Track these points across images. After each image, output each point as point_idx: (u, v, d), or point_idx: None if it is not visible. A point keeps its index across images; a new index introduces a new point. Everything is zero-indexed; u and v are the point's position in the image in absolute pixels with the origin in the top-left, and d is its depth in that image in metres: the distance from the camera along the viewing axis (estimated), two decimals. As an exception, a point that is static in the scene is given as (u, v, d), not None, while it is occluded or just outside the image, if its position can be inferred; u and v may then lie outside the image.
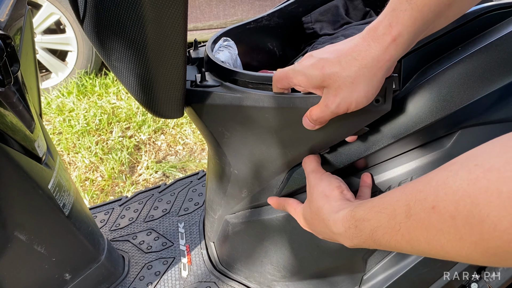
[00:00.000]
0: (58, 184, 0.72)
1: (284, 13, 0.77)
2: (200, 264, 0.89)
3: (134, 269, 0.90)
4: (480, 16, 0.49)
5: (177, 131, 1.90)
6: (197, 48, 0.71)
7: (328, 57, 0.44)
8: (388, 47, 0.40)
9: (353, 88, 0.43)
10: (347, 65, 0.43)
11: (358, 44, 0.42)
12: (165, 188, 1.15)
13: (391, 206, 0.36)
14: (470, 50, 0.49)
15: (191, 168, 1.69)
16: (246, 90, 0.55)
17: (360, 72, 0.42)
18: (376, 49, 0.41)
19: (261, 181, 0.64)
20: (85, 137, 1.83)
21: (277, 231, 0.69)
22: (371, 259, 0.66)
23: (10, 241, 0.65)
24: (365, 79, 0.42)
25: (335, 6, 0.80)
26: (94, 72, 2.32)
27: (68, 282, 0.79)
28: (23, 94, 0.66)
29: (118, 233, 1.00)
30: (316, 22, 0.79)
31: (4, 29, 0.66)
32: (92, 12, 0.54)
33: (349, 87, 0.43)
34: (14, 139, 0.61)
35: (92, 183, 1.60)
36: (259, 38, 0.76)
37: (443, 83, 0.49)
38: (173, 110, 0.61)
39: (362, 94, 0.43)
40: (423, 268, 0.62)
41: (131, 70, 0.56)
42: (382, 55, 0.41)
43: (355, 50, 0.42)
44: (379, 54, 0.41)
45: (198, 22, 2.29)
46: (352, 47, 0.42)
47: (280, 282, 0.76)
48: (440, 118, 0.49)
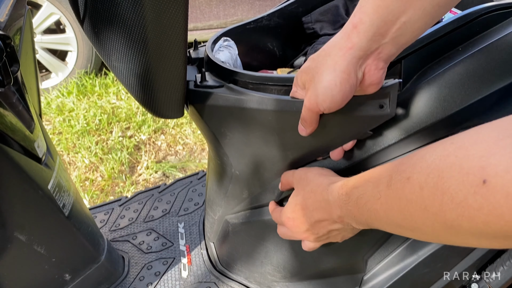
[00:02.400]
0: (58, 184, 0.72)
1: (284, 13, 0.77)
2: (200, 265, 0.89)
3: (134, 269, 0.90)
4: (480, 16, 0.49)
5: (177, 131, 1.90)
6: (197, 48, 0.71)
7: (314, 55, 0.45)
8: (350, 34, 0.40)
9: (318, 79, 0.43)
10: (318, 58, 0.43)
11: (330, 40, 0.43)
12: (165, 188, 1.14)
13: (377, 176, 0.38)
14: (471, 50, 0.49)
15: (191, 168, 1.69)
16: (249, 92, 0.54)
17: (323, 61, 0.42)
18: (339, 37, 0.41)
19: (262, 182, 0.64)
20: (85, 137, 1.83)
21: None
22: (372, 260, 0.66)
23: (10, 242, 0.65)
24: (328, 68, 0.42)
25: (335, 6, 0.80)
26: (94, 72, 2.32)
27: (68, 283, 0.78)
28: (22, 94, 0.66)
29: (118, 233, 1.00)
30: (316, 22, 0.79)
31: (4, 29, 0.66)
32: (92, 12, 0.54)
33: (315, 79, 0.43)
34: (14, 139, 0.61)
35: (92, 183, 1.60)
36: (259, 38, 0.76)
37: (443, 83, 0.49)
38: (173, 110, 0.61)
39: (326, 84, 0.42)
40: (423, 269, 0.62)
41: (131, 70, 0.56)
42: (344, 43, 0.41)
43: (326, 45, 0.43)
44: (341, 42, 0.41)
45: (198, 22, 2.29)
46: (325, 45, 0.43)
47: (280, 282, 0.76)
48: (440, 118, 0.49)
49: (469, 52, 0.49)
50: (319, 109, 0.45)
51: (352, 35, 0.40)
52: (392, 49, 0.41)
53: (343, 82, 0.41)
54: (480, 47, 0.48)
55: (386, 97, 0.46)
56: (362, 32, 0.40)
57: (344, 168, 0.56)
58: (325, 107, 0.44)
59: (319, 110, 0.45)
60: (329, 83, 0.42)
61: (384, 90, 0.45)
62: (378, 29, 0.39)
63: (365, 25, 0.39)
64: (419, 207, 0.31)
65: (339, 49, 0.41)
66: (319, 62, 0.43)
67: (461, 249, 0.63)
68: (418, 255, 0.62)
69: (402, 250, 0.63)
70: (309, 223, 0.51)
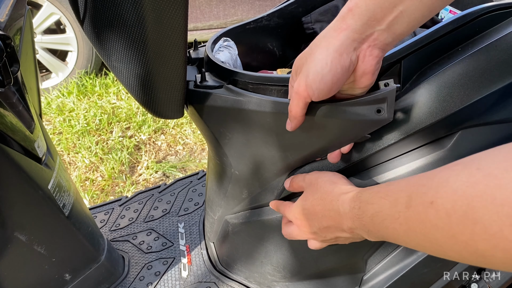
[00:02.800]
0: (58, 184, 0.72)
1: (284, 13, 0.77)
2: (200, 265, 0.89)
3: (134, 269, 0.90)
4: (480, 16, 0.49)
5: (177, 131, 1.90)
6: (197, 48, 0.71)
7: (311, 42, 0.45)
8: (345, 17, 0.41)
9: (310, 60, 0.42)
10: (313, 43, 0.43)
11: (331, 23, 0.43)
12: (165, 188, 1.15)
13: (394, 195, 0.37)
14: (470, 50, 0.49)
15: (191, 168, 1.69)
16: (248, 94, 0.54)
17: (317, 43, 0.42)
18: (334, 21, 0.42)
19: (262, 182, 0.64)
20: (85, 137, 1.83)
21: (278, 232, 0.69)
22: (371, 260, 0.66)
23: (10, 242, 0.65)
24: (320, 48, 0.42)
25: (335, 6, 0.80)
26: (94, 72, 2.32)
27: (68, 282, 0.78)
28: (23, 95, 0.66)
29: (118, 233, 1.00)
30: (316, 22, 0.79)
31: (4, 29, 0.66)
32: (92, 12, 0.54)
33: (307, 61, 0.43)
34: (14, 139, 0.61)
35: (92, 183, 1.60)
36: (259, 38, 0.76)
37: (443, 83, 0.49)
38: (173, 110, 0.61)
39: (316, 63, 0.41)
40: (423, 269, 0.62)
41: (131, 71, 0.56)
42: (338, 25, 0.41)
43: (325, 29, 0.43)
44: (336, 24, 0.41)
45: (198, 22, 2.29)
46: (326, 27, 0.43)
47: (280, 282, 0.76)
48: (440, 118, 0.49)
49: (469, 52, 0.49)
50: (307, 94, 0.43)
51: (347, 17, 0.40)
52: (388, 38, 0.40)
53: (334, 62, 0.41)
54: (480, 47, 0.48)
55: (384, 102, 0.45)
56: (357, 15, 0.40)
57: (343, 168, 0.56)
58: (314, 90, 0.42)
59: (307, 95, 0.44)
60: (320, 62, 0.41)
61: (381, 95, 0.45)
62: (374, 14, 0.39)
63: (361, 9, 0.39)
64: (447, 234, 0.30)
65: (334, 30, 0.41)
66: (314, 45, 0.43)
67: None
68: (418, 255, 0.62)
69: (402, 250, 0.63)
70: (317, 228, 0.51)
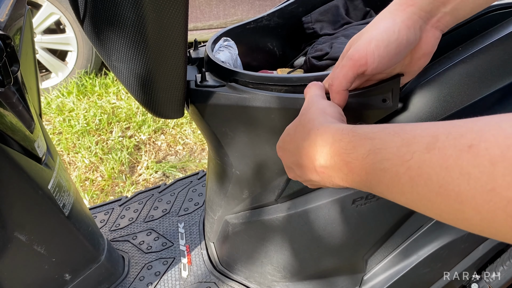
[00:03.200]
0: (58, 184, 0.72)
1: (284, 13, 0.77)
2: (200, 265, 0.89)
3: (134, 269, 0.90)
4: (480, 16, 0.49)
5: (177, 131, 1.90)
6: (197, 48, 0.71)
7: None
8: None
9: (373, 27, 0.41)
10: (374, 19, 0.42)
11: None
12: (165, 188, 1.14)
13: (412, 132, 0.29)
14: (471, 50, 0.49)
15: (191, 168, 1.69)
16: (252, 90, 0.55)
17: (382, 15, 0.41)
18: None
19: (263, 182, 0.64)
20: (85, 137, 1.83)
21: (278, 232, 0.69)
22: (372, 260, 0.66)
23: (10, 242, 0.65)
24: (385, 18, 0.40)
25: (335, 6, 0.80)
26: (94, 72, 2.32)
27: (68, 282, 0.78)
28: (22, 94, 0.66)
29: (118, 233, 1.00)
30: (316, 22, 0.79)
31: (4, 29, 0.65)
32: (92, 12, 0.54)
33: (369, 29, 0.41)
34: (14, 139, 0.61)
35: (92, 183, 1.60)
36: (259, 38, 0.76)
37: (443, 83, 0.49)
38: (173, 110, 0.61)
39: (381, 30, 0.39)
40: (423, 269, 0.62)
41: (131, 70, 0.56)
42: (404, 1, 0.39)
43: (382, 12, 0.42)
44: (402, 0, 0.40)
45: (198, 22, 2.29)
46: None
47: (280, 282, 0.76)
48: (440, 118, 0.49)
49: (469, 52, 0.49)
50: (365, 61, 0.40)
51: None
52: (450, 20, 0.40)
53: (402, 32, 0.39)
54: (480, 47, 0.48)
55: (389, 91, 0.46)
56: None
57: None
58: (375, 57, 0.39)
59: (364, 62, 0.40)
60: (387, 30, 0.39)
61: (387, 84, 0.45)
62: None
63: None
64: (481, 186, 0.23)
65: (400, 4, 0.40)
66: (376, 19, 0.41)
67: (461, 249, 0.63)
68: (418, 255, 0.62)
69: (402, 250, 0.63)
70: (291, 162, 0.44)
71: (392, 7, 0.41)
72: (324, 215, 0.62)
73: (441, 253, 0.62)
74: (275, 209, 0.66)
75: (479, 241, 0.64)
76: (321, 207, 0.62)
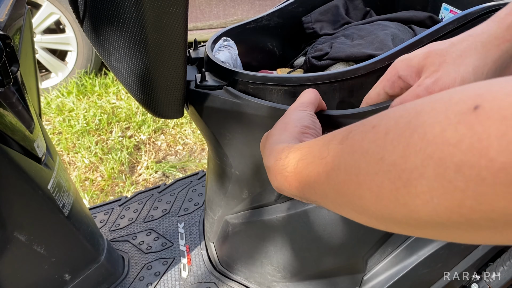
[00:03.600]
0: (58, 184, 0.72)
1: (284, 13, 0.77)
2: (200, 265, 0.89)
3: (133, 269, 0.90)
4: (480, 16, 0.49)
5: (177, 131, 1.90)
6: (197, 48, 0.71)
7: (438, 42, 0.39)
8: (510, 26, 0.35)
9: (461, 62, 0.37)
10: (458, 42, 0.38)
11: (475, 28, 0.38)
12: (165, 188, 1.14)
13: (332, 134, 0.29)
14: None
15: (191, 168, 1.69)
16: (246, 97, 0.54)
17: (472, 46, 0.37)
18: (495, 27, 0.36)
19: (262, 182, 0.64)
20: (85, 137, 1.83)
21: (278, 232, 0.69)
22: (372, 260, 0.66)
23: (10, 242, 0.65)
24: (477, 53, 0.36)
25: (335, 6, 0.80)
26: (94, 72, 2.32)
27: (67, 283, 0.78)
28: (22, 94, 0.66)
29: (118, 233, 1.00)
30: (316, 22, 0.79)
31: (4, 29, 0.65)
32: (92, 12, 0.54)
33: (455, 60, 0.37)
34: (14, 139, 0.61)
35: (92, 183, 1.60)
36: (259, 38, 0.76)
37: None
38: (173, 110, 0.61)
39: (470, 69, 0.36)
40: (423, 269, 0.62)
41: (131, 70, 0.56)
42: (501, 33, 0.36)
43: (471, 31, 0.38)
44: (498, 32, 0.36)
45: (198, 22, 2.29)
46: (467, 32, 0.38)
47: (280, 282, 0.76)
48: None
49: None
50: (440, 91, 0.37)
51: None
52: None
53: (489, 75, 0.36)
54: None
55: None
56: None
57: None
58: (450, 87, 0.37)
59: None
60: (475, 69, 0.36)
61: None
62: None
63: None
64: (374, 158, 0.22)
65: (495, 38, 0.36)
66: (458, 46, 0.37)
67: (461, 249, 0.63)
68: (418, 255, 0.62)
69: (402, 250, 0.63)
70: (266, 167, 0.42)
71: (485, 37, 0.36)
72: (324, 215, 0.62)
73: (441, 253, 0.62)
74: (275, 209, 0.66)
75: (479, 241, 0.63)
76: (321, 207, 0.62)
